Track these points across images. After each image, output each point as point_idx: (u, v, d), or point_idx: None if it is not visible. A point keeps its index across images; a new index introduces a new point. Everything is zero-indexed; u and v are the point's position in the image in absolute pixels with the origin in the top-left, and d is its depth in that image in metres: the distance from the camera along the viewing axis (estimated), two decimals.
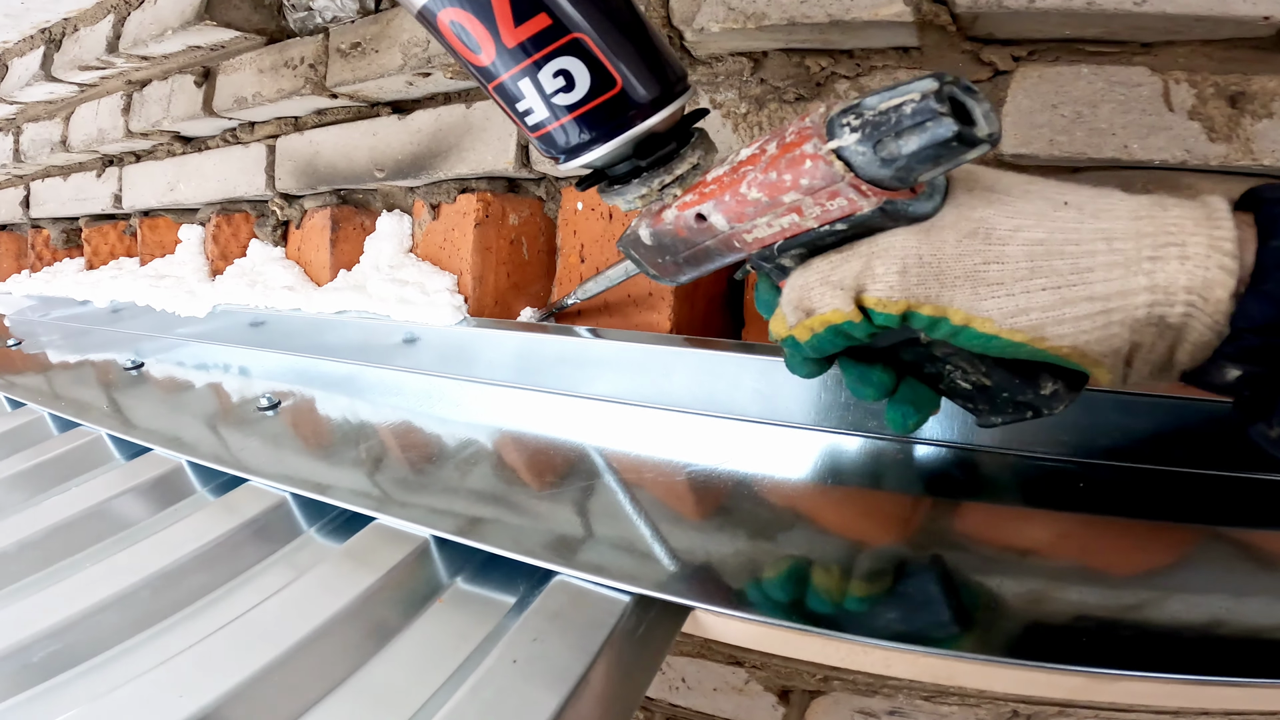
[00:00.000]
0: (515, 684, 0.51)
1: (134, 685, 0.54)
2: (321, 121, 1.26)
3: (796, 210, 0.47)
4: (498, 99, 0.55)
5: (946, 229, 0.45)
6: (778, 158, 0.46)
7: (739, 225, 0.51)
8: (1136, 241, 0.41)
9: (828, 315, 0.49)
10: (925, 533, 0.62)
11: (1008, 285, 0.43)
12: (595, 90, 0.52)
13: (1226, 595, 0.52)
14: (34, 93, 1.69)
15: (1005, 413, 0.53)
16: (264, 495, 0.80)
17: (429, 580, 0.67)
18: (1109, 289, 0.41)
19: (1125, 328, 0.41)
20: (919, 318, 0.47)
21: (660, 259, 0.59)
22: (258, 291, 1.19)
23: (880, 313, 0.47)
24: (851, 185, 0.44)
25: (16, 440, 1.10)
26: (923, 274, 0.45)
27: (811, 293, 0.50)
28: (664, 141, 0.56)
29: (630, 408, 0.83)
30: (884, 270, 0.46)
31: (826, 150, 0.43)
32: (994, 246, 0.44)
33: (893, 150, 0.41)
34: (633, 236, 0.60)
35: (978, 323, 0.45)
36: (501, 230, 1.05)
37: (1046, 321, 0.43)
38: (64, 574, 0.73)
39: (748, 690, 0.92)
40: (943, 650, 0.50)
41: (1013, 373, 0.50)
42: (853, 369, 0.55)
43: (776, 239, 0.50)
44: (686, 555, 0.61)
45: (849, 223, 0.46)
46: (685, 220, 0.54)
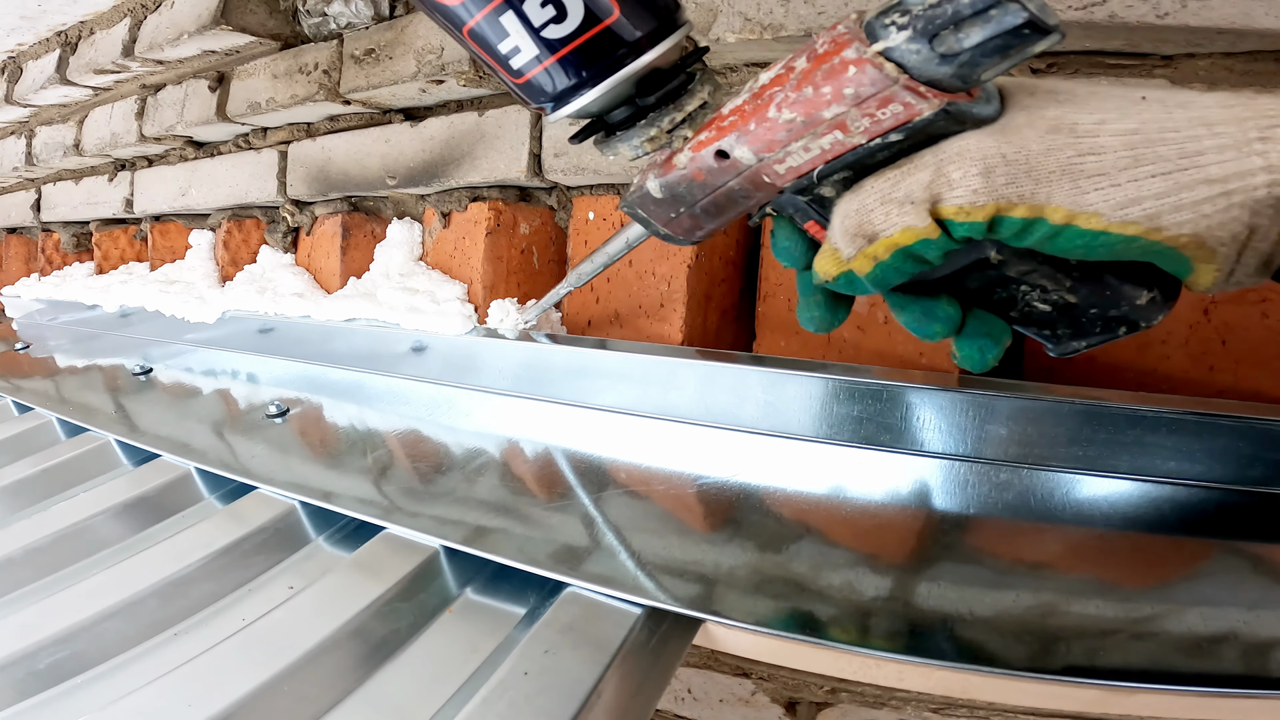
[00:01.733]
0: (527, 696, 0.50)
1: (142, 694, 0.54)
2: (334, 128, 1.26)
3: (840, 126, 0.43)
4: (474, 47, 0.50)
5: (1023, 128, 0.42)
6: (811, 71, 0.43)
7: (769, 155, 0.47)
8: (1239, 125, 0.39)
9: (896, 236, 0.45)
10: (937, 546, 0.62)
11: (1111, 175, 0.40)
12: (590, 19, 0.47)
13: (1241, 608, 0.51)
14: (48, 96, 1.70)
15: (1092, 334, 0.49)
16: (272, 503, 0.80)
17: (439, 591, 0.67)
18: (1225, 171, 0.39)
19: (1245, 210, 0.39)
20: (1010, 222, 0.42)
21: (674, 213, 0.54)
22: (267, 298, 1.19)
23: (963, 222, 0.43)
24: (907, 88, 0.40)
25: (24, 445, 1.10)
26: (1010, 173, 0.41)
27: (872, 214, 0.45)
28: (668, 78, 0.51)
29: (640, 419, 0.83)
30: (962, 174, 0.42)
31: (872, 53, 0.40)
32: (1084, 139, 0.41)
33: (953, 45, 0.38)
34: (639, 193, 0.55)
35: (1082, 219, 0.41)
36: (513, 239, 1.05)
37: (1163, 209, 0.40)
38: (71, 580, 0.72)
39: (754, 702, 0.92)
40: (957, 664, 0.49)
41: (1101, 284, 0.46)
42: (913, 305, 0.51)
43: (815, 164, 0.46)
44: (697, 567, 0.61)
45: (905, 131, 0.43)
46: (703, 161, 0.49)
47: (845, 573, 0.59)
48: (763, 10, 0.75)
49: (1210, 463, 0.60)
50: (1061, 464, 0.64)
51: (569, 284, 0.81)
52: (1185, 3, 0.61)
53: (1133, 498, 0.62)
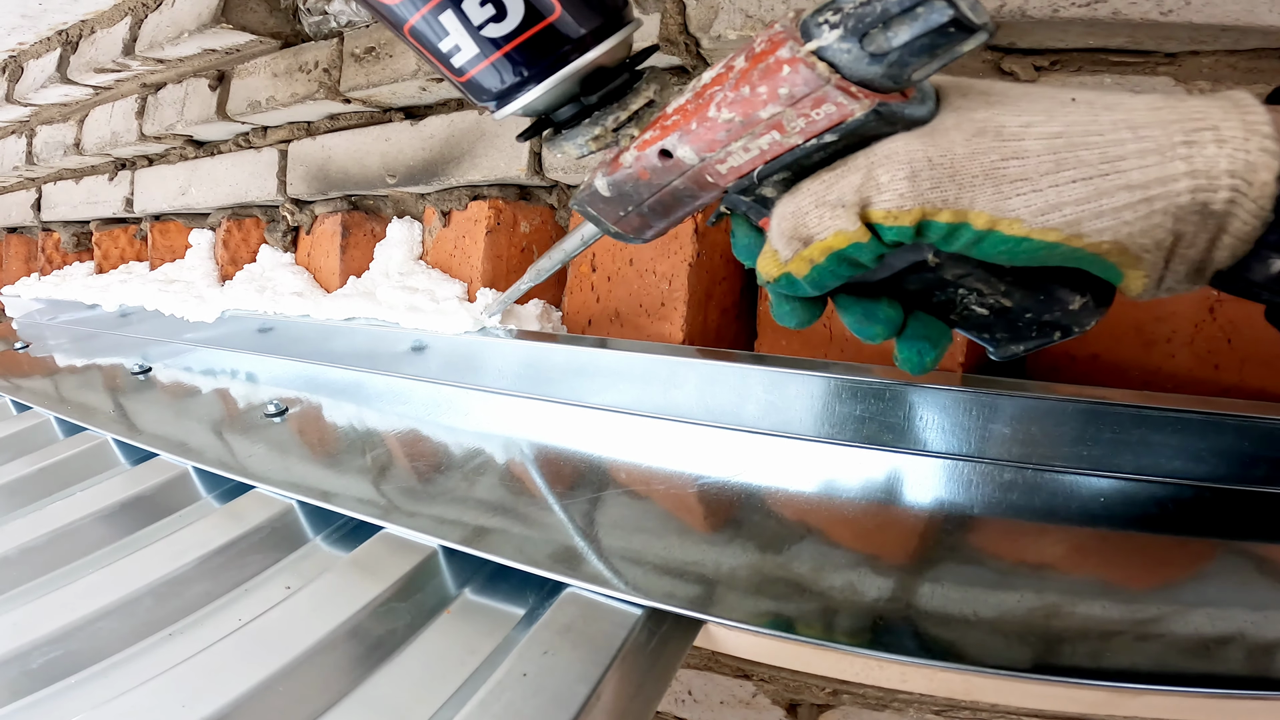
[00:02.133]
0: (525, 698, 0.50)
1: (136, 694, 0.54)
2: (334, 126, 1.25)
3: (777, 126, 0.43)
4: (416, 45, 0.50)
5: (951, 130, 0.41)
6: (748, 70, 0.42)
7: (710, 155, 0.46)
8: (1164, 129, 0.38)
9: (829, 240, 0.44)
10: (939, 547, 0.61)
11: (1033, 180, 0.40)
12: (531, 17, 0.47)
13: (1248, 609, 0.51)
14: (49, 95, 1.70)
15: (1028, 338, 0.49)
16: (270, 503, 0.79)
17: (437, 591, 0.66)
18: (1146, 176, 0.38)
19: (1168, 216, 0.38)
20: (936, 226, 0.42)
21: (622, 211, 0.54)
22: (267, 297, 1.19)
23: (891, 226, 0.43)
24: (839, 88, 0.40)
25: (22, 444, 1.10)
26: (935, 177, 0.41)
27: (807, 218, 0.45)
28: (613, 76, 0.51)
29: (640, 418, 0.82)
30: (889, 178, 0.42)
31: (805, 52, 0.40)
32: (1009, 143, 0.40)
33: (882, 44, 0.38)
34: (588, 192, 0.54)
35: (1004, 225, 0.41)
36: (513, 238, 1.04)
37: (1083, 215, 0.39)
38: (66, 580, 0.72)
39: (755, 704, 0.91)
40: (960, 665, 0.49)
41: (1035, 289, 0.46)
42: (854, 307, 0.50)
43: (755, 164, 0.46)
44: (697, 568, 0.61)
45: (839, 132, 0.42)
46: (647, 160, 0.49)
47: (847, 574, 0.58)
48: (764, 7, 0.74)
49: (1215, 462, 0.59)
50: (1065, 464, 0.63)
51: (528, 280, 0.81)
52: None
53: (1138, 498, 0.61)
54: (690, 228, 0.86)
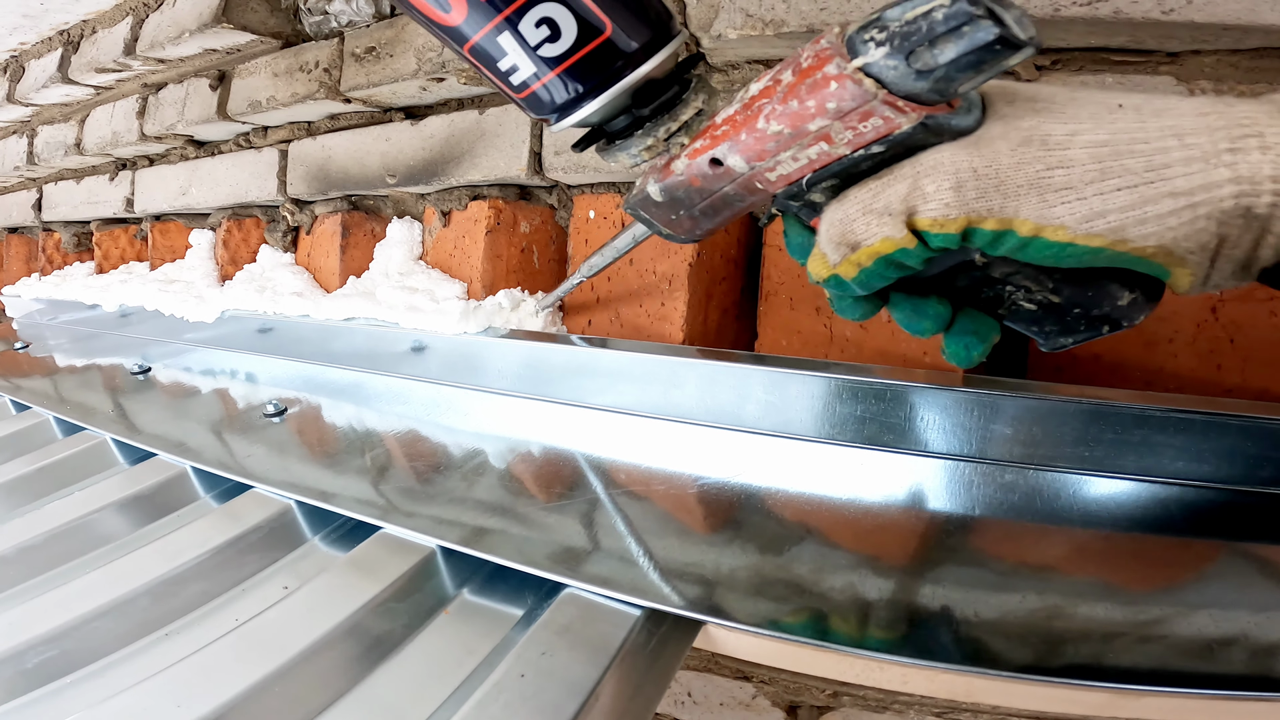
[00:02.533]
0: (523, 699, 0.50)
1: (130, 694, 0.54)
2: (334, 126, 1.25)
3: (825, 138, 0.45)
4: (475, 63, 0.52)
5: (996, 140, 0.43)
6: (796, 85, 0.44)
7: (760, 164, 0.48)
8: (1210, 136, 0.39)
9: (876, 245, 0.46)
10: (940, 548, 0.61)
11: (1077, 189, 0.41)
12: (583, 38, 0.49)
13: (1250, 610, 0.51)
14: (50, 95, 1.70)
15: (1077, 331, 0.50)
16: (268, 503, 0.79)
17: (435, 591, 0.66)
18: (1190, 184, 0.39)
19: (1212, 220, 0.40)
20: (981, 234, 0.44)
21: (674, 215, 0.57)
22: (266, 297, 1.18)
23: (937, 234, 0.45)
24: (886, 103, 0.42)
25: (21, 443, 1.10)
26: (980, 187, 0.43)
27: (854, 225, 0.47)
28: (663, 88, 0.54)
29: (640, 419, 0.82)
30: (935, 188, 0.44)
31: (852, 68, 0.41)
32: (1054, 152, 0.42)
33: (928, 61, 0.39)
34: (640, 196, 0.57)
35: (1049, 231, 0.42)
36: (513, 238, 1.04)
37: (1128, 222, 0.41)
38: (62, 579, 0.72)
39: (755, 705, 0.91)
40: (961, 667, 0.49)
41: (1084, 285, 0.47)
42: (904, 303, 0.52)
43: (804, 173, 0.48)
44: (697, 569, 0.60)
45: (886, 144, 0.44)
46: (698, 168, 0.51)
47: (847, 575, 0.58)
48: (764, 6, 0.74)
49: (1218, 463, 0.59)
50: (1067, 464, 0.63)
51: (581, 275, 0.83)
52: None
53: (1140, 498, 0.61)
54: None
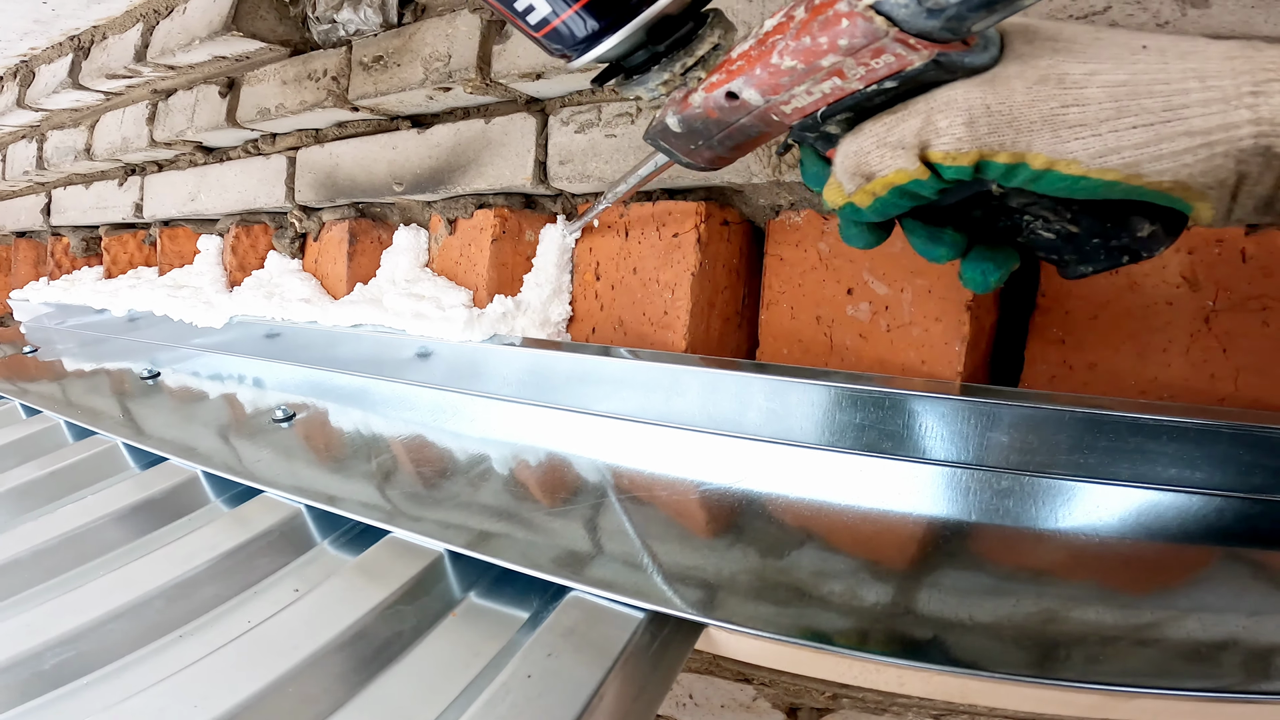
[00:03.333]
0: (530, 699, 0.51)
1: (147, 695, 0.55)
2: (342, 134, 1.26)
3: (837, 73, 0.45)
4: (495, 6, 0.54)
5: (1012, 78, 0.43)
6: (808, 21, 0.44)
7: (775, 97, 0.49)
8: (1234, 79, 0.39)
9: (890, 176, 0.48)
10: (938, 553, 0.62)
11: (1092, 126, 0.42)
12: None
13: (1242, 614, 0.52)
14: (61, 100, 1.71)
15: (1096, 260, 0.49)
16: (278, 507, 0.80)
17: (442, 594, 0.67)
18: (1208, 124, 0.40)
19: (1230, 159, 0.40)
20: (994, 166, 0.45)
21: (693, 145, 0.57)
22: (274, 303, 1.20)
23: (949, 166, 0.45)
24: (897, 40, 0.42)
25: (31, 447, 1.11)
26: (993, 123, 0.43)
27: (869, 156, 0.48)
28: (679, 23, 0.54)
29: (643, 426, 0.83)
30: (948, 123, 0.44)
31: (863, 6, 0.41)
32: (1070, 90, 0.42)
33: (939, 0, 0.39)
34: (660, 126, 0.58)
35: (1062, 165, 0.43)
36: (518, 246, 1.05)
37: (1142, 159, 0.41)
38: (77, 582, 0.73)
39: (755, 707, 0.92)
40: (956, 669, 0.50)
41: (1103, 217, 0.47)
42: (920, 231, 0.53)
43: (818, 106, 0.48)
44: (699, 573, 0.61)
45: (899, 79, 0.45)
46: (715, 101, 0.52)
47: (847, 579, 0.59)
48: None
49: (1211, 470, 0.60)
50: (1063, 471, 0.64)
51: (606, 200, 0.84)
52: (1185, 10, 0.61)
53: (1134, 505, 0.62)
54: (694, 238, 0.87)
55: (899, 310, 0.77)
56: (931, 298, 0.75)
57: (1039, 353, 0.74)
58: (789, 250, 0.85)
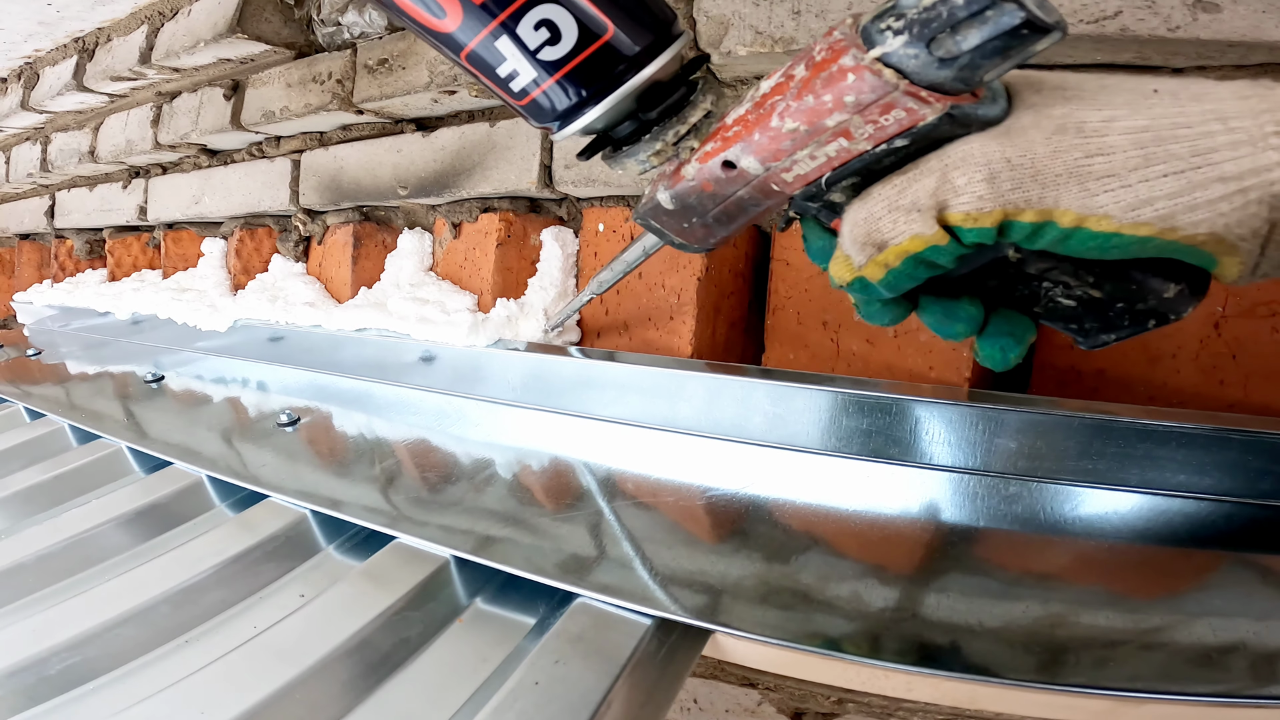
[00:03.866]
0: (538, 706, 0.51)
1: (152, 701, 0.55)
2: (346, 137, 1.26)
3: (844, 134, 0.43)
4: (474, 70, 0.51)
5: (1029, 129, 0.41)
6: (810, 79, 0.42)
7: (775, 164, 0.46)
8: (1255, 119, 0.38)
9: (905, 244, 0.44)
10: (945, 558, 0.62)
11: (1120, 176, 0.39)
12: (585, 39, 0.48)
13: (1251, 619, 0.51)
14: (65, 102, 1.71)
15: (1120, 327, 0.47)
16: (283, 512, 0.80)
17: (448, 600, 0.67)
18: (1240, 168, 0.37)
19: (1264, 205, 0.38)
20: (1019, 227, 0.42)
21: (686, 223, 0.54)
22: (278, 307, 1.20)
23: (971, 228, 0.42)
24: (908, 94, 0.40)
25: (36, 451, 1.11)
26: (1016, 177, 0.40)
27: (880, 223, 0.45)
28: (669, 90, 0.52)
29: (647, 431, 0.83)
30: (966, 180, 0.41)
31: (870, 59, 0.39)
32: (1092, 139, 0.39)
33: (951, 48, 0.37)
34: (650, 205, 0.54)
35: (1093, 221, 0.40)
36: (523, 251, 1.05)
37: (1177, 210, 0.38)
38: (82, 587, 0.72)
39: (760, 712, 0.92)
40: (964, 675, 0.49)
41: (1125, 279, 0.44)
42: (934, 306, 0.49)
43: (823, 171, 0.45)
44: (705, 578, 0.61)
45: (910, 136, 0.42)
46: (710, 172, 0.49)
47: (853, 584, 0.59)
48: (774, 24, 0.75)
49: (1220, 476, 0.60)
50: (1071, 477, 0.64)
51: (589, 292, 0.82)
52: (1196, 15, 0.61)
53: (1142, 510, 0.62)
54: None
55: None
56: None
57: (1047, 359, 0.74)
58: (795, 255, 0.85)
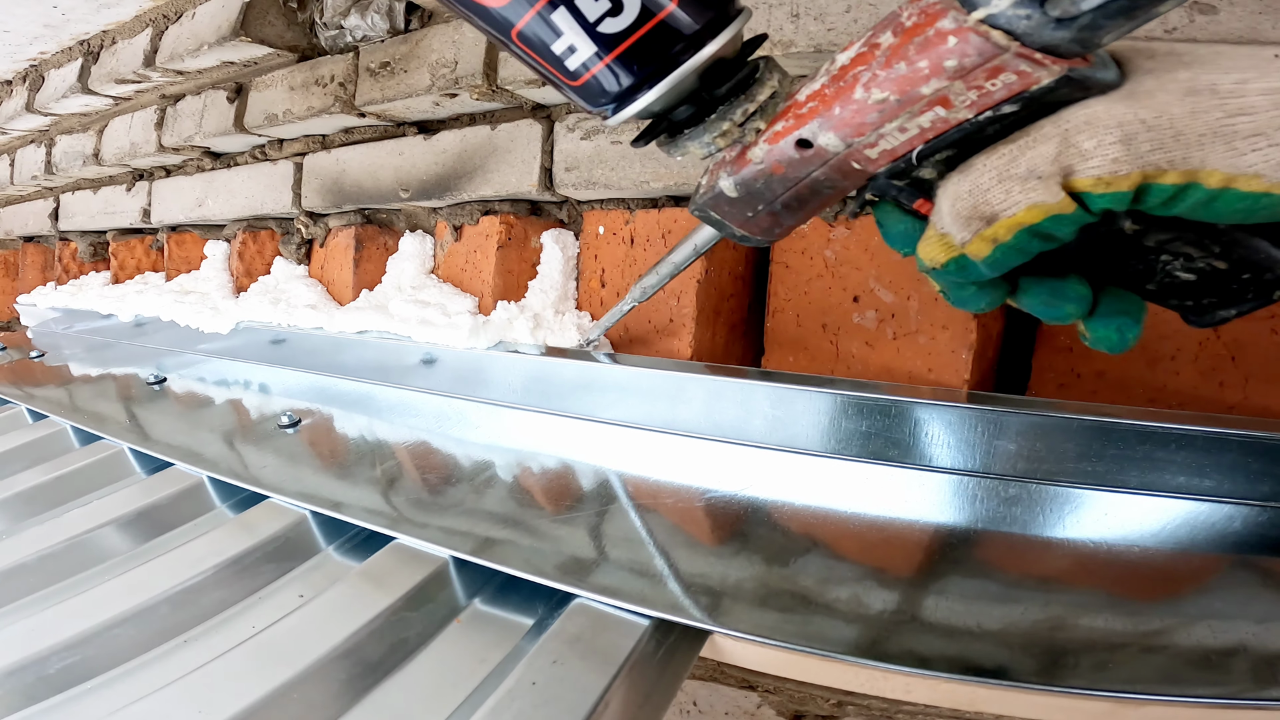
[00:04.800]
0: (535, 706, 0.51)
1: (152, 700, 0.55)
2: (349, 140, 1.27)
3: (941, 102, 0.40)
4: (525, 50, 0.47)
5: (1155, 92, 0.38)
6: (901, 45, 0.40)
7: (859, 140, 0.43)
8: None
9: (1020, 215, 0.41)
10: (944, 560, 0.62)
11: (1269, 135, 0.37)
12: (646, 12, 0.44)
13: (1251, 621, 0.51)
14: (69, 105, 1.72)
15: (1242, 301, 0.44)
16: (283, 513, 0.80)
17: (447, 601, 0.67)
18: None
19: None
20: (1159, 190, 0.39)
21: (750, 212, 0.51)
22: (280, 309, 1.20)
23: (1103, 194, 0.39)
24: (1020, 56, 0.37)
25: (38, 452, 1.11)
26: (1155, 139, 0.38)
27: (988, 194, 0.42)
28: (734, 69, 0.48)
29: (647, 433, 0.83)
30: (1096, 144, 0.38)
31: (974, 21, 0.37)
32: (1229, 100, 0.37)
33: (1068, 7, 0.35)
34: (711, 194, 0.51)
35: (1242, 181, 0.37)
36: (524, 253, 1.05)
37: None
38: (83, 587, 0.72)
39: (759, 715, 0.91)
40: (964, 676, 0.49)
41: (1254, 248, 0.41)
42: (1038, 287, 0.47)
43: (913, 145, 0.43)
44: (704, 580, 0.61)
45: (1020, 102, 0.40)
46: (782, 152, 0.46)
47: (852, 586, 0.59)
48: (772, 26, 0.75)
49: (1220, 478, 0.60)
50: (1070, 479, 0.64)
51: (632, 299, 0.79)
52: (1193, 17, 0.61)
53: (1142, 513, 0.62)
54: None
55: (906, 318, 0.77)
56: (938, 305, 0.75)
57: (1047, 361, 0.74)
58: (795, 258, 0.85)
